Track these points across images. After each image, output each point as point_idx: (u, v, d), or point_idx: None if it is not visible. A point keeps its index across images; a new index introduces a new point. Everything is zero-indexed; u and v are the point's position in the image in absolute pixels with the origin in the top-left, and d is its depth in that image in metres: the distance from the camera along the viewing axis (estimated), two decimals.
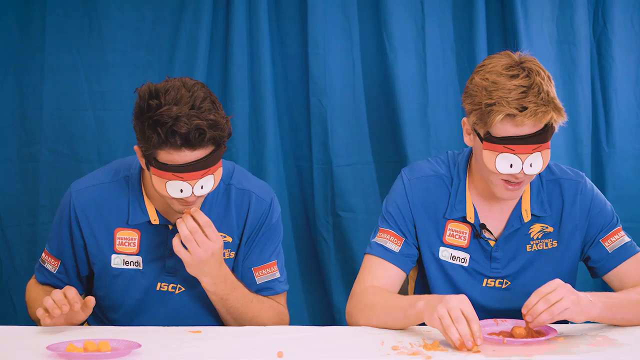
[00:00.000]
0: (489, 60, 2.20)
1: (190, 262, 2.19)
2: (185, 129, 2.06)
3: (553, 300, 2.01)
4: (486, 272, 2.31)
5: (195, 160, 2.11)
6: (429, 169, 2.36)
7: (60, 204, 2.38)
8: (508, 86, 2.11)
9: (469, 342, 1.92)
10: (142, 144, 2.14)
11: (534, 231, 2.31)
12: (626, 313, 2.15)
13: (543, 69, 2.17)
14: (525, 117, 2.10)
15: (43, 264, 2.41)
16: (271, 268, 2.38)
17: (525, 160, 2.14)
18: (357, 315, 2.22)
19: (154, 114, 2.08)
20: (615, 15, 3.23)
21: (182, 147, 2.08)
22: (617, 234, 2.30)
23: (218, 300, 2.29)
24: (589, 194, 2.32)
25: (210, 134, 2.09)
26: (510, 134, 2.12)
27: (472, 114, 2.18)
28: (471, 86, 2.19)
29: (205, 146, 2.11)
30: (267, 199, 2.36)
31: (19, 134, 3.20)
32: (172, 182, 2.13)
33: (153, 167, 2.14)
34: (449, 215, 2.31)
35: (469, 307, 1.97)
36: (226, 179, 2.34)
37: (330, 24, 3.20)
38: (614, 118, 3.25)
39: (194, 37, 3.14)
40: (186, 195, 2.15)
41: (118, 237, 2.32)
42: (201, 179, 2.14)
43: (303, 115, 3.24)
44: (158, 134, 2.07)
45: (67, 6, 3.17)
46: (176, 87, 2.11)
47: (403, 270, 2.31)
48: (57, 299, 2.11)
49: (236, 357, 1.94)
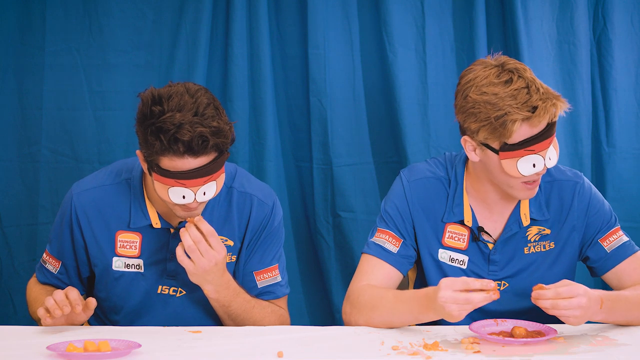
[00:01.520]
0: (473, 74, 2.18)
1: (194, 272, 2.19)
2: (188, 136, 2.05)
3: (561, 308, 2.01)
4: (484, 274, 2.31)
5: (197, 167, 2.11)
6: (428, 171, 2.35)
7: (61, 205, 2.38)
8: (509, 93, 2.11)
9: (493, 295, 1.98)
10: (144, 150, 2.13)
11: (531, 233, 2.31)
12: (628, 314, 2.16)
13: (523, 64, 2.18)
14: (539, 116, 2.11)
15: (44, 264, 2.41)
16: (272, 272, 2.37)
17: (546, 156, 2.15)
18: (357, 314, 2.22)
19: (157, 120, 2.06)
20: (615, 15, 3.23)
21: (184, 154, 2.08)
22: (615, 234, 2.30)
23: (220, 307, 2.29)
24: (586, 194, 2.32)
25: (213, 141, 2.08)
26: (528, 136, 2.13)
27: (481, 130, 2.15)
28: (469, 104, 2.16)
29: (208, 153, 2.10)
30: (269, 202, 2.36)
31: (19, 134, 3.20)
32: (175, 189, 2.13)
33: (155, 173, 2.14)
34: (447, 219, 2.31)
35: (455, 282, 2.00)
36: (228, 182, 2.33)
37: (330, 24, 3.20)
38: (614, 118, 3.25)
39: (194, 37, 3.14)
40: (188, 202, 2.15)
41: (119, 240, 2.32)
42: (203, 186, 2.14)
43: (303, 115, 3.24)
44: (161, 140, 2.06)
45: (67, 6, 3.17)
46: (179, 93, 2.09)
47: (400, 271, 2.31)
48: (58, 300, 2.12)
49: (236, 357, 1.94)
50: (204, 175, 2.12)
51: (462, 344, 2.01)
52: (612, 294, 2.15)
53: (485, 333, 2.05)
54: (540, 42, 3.21)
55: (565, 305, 2.01)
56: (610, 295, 2.13)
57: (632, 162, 3.26)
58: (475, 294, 1.98)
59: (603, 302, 2.08)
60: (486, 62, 2.19)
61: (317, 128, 3.21)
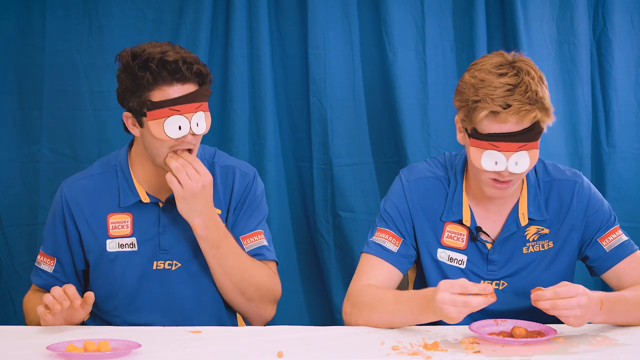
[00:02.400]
0: (482, 59, 2.23)
1: (182, 195, 2.27)
2: (173, 58, 2.23)
3: (560, 308, 2.02)
4: (483, 274, 2.31)
5: (187, 94, 2.25)
6: (427, 171, 2.36)
7: (52, 203, 2.45)
8: (495, 84, 2.13)
9: (490, 299, 1.99)
10: (133, 95, 2.27)
11: (530, 233, 2.31)
12: (628, 315, 2.17)
13: (535, 69, 2.18)
14: (508, 114, 2.11)
15: (39, 265, 2.46)
16: (258, 236, 2.45)
17: (510, 158, 2.15)
18: (357, 315, 2.22)
19: (141, 56, 2.25)
20: (615, 15, 3.23)
21: (172, 81, 2.24)
22: (614, 233, 2.30)
23: (210, 248, 2.34)
24: (585, 194, 2.32)
25: (196, 66, 2.26)
26: (494, 130, 2.14)
27: (461, 110, 2.21)
28: (461, 83, 2.22)
29: (193, 81, 2.27)
30: (251, 173, 2.47)
31: (19, 134, 3.20)
32: (170, 120, 2.24)
33: (149, 111, 2.24)
34: (446, 218, 2.31)
35: (454, 285, 2.00)
36: (209, 159, 2.45)
37: (330, 24, 3.20)
38: (614, 118, 3.25)
39: (194, 37, 3.14)
40: (184, 133, 2.25)
41: (111, 222, 2.39)
42: (196, 114, 2.26)
43: (303, 115, 3.24)
44: (150, 70, 2.22)
45: (67, 6, 3.17)
46: (153, 43, 2.31)
47: (400, 270, 2.31)
48: (57, 295, 2.14)
49: (236, 357, 1.94)
50: (194, 101, 2.26)
51: (462, 344, 2.01)
52: (612, 295, 2.15)
53: (485, 333, 2.05)
54: (540, 42, 3.21)
55: (565, 305, 2.01)
56: (610, 296, 2.13)
57: (632, 162, 3.26)
58: (473, 297, 1.98)
59: (603, 303, 2.08)
60: (503, 54, 2.22)
61: (317, 128, 3.21)
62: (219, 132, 3.18)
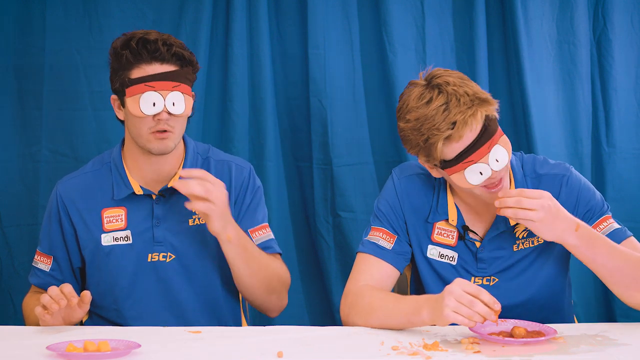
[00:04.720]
0: (402, 101, 2.21)
1: (215, 209, 2.23)
2: (154, 37, 2.29)
3: (525, 206, 2.06)
4: (473, 271, 2.32)
5: (164, 72, 2.29)
6: (418, 167, 2.38)
7: (48, 204, 2.49)
8: (429, 113, 2.13)
9: (492, 317, 1.95)
10: (116, 74, 2.32)
11: (519, 230, 2.31)
12: (609, 259, 2.13)
13: (450, 73, 2.18)
14: (459, 130, 2.12)
15: (36, 265, 2.48)
16: (265, 229, 2.48)
17: (489, 161, 2.15)
18: (355, 316, 2.22)
19: (125, 38, 2.33)
20: (615, 15, 3.23)
21: (151, 60, 2.28)
22: (605, 221, 2.28)
23: (241, 251, 2.33)
24: (574, 186, 2.31)
25: (176, 48, 2.31)
26: (459, 150, 2.14)
27: (419, 155, 2.22)
28: (402, 134, 2.22)
29: (173, 62, 2.30)
30: (247, 167, 2.50)
31: (19, 134, 3.20)
32: (145, 95, 2.27)
33: (127, 88, 2.28)
34: (432, 219, 2.32)
35: (469, 285, 1.98)
36: (203, 154, 2.47)
37: (330, 24, 3.20)
38: (614, 118, 3.25)
39: (194, 37, 3.14)
40: (158, 110, 2.27)
41: (106, 217, 2.41)
42: (172, 92, 2.28)
43: (303, 115, 3.24)
44: (130, 48, 2.29)
45: (67, 6, 3.17)
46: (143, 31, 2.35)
47: (396, 267, 2.31)
48: (54, 294, 2.15)
49: (236, 357, 1.94)
50: (170, 80, 2.28)
51: (462, 344, 2.01)
52: (594, 230, 2.17)
53: (485, 333, 2.05)
54: (540, 42, 3.21)
55: (529, 204, 2.03)
56: (591, 229, 2.15)
57: (632, 162, 3.26)
58: (479, 302, 1.96)
59: (580, 227, 2.08)
60: (416, 82, 2.21)
61: (317, 128, 3.21)
62: (219, 132, 3.19)
